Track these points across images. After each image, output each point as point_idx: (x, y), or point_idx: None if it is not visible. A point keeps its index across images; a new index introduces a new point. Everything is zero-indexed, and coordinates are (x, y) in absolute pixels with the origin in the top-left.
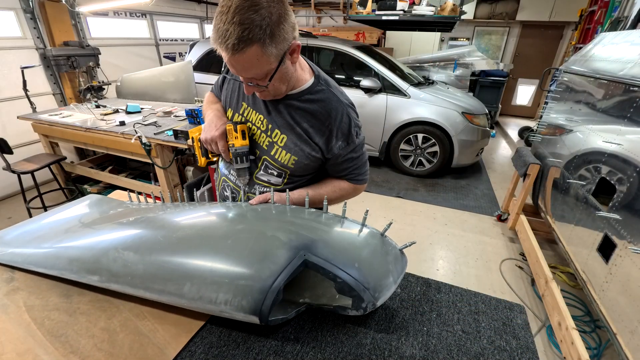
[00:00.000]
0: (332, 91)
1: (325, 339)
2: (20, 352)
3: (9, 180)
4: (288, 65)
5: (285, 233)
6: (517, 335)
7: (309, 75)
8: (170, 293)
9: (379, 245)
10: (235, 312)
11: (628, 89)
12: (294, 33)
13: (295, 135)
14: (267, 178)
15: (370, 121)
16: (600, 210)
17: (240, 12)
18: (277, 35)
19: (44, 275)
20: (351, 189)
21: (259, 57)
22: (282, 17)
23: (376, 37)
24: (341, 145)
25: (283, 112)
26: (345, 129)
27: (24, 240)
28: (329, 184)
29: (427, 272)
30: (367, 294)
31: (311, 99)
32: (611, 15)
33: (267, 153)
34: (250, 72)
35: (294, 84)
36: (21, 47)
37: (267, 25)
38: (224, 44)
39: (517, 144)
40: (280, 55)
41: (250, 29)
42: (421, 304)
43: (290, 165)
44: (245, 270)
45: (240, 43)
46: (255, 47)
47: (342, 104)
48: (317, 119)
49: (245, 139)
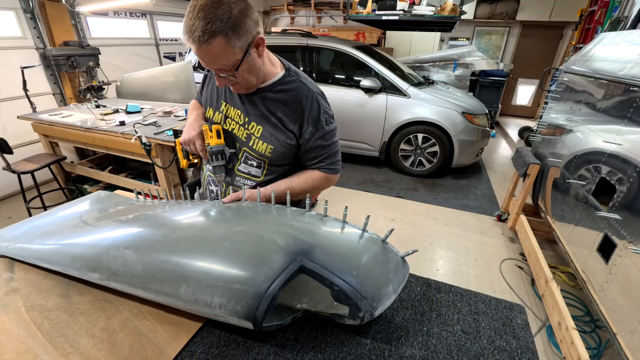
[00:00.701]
0: (302, 81)
1: (325, 338)
2: (20, 352)
3: (9, 180)
4: (254, 58)
5: (283, 237)
6: (517, 335)
7: (279, 69)
8: (167, 294)
9: (379, 252)
10: (230, 316)
11: (628, 89)
12: (257, 28)
13: (271, 125)
14: (248, 170)
15: (370, 121)
16: (600, 210)
17: (204, 9)
18: (239, 28)
19: (48, 271)
20: (323, 179)
21: (223, 47)
22: (243, 13)
23: (376, 37)
24: (311, 131)
25: (258, 104)
26: (315, 114)
27: (32, 236)
28: (301, 175)
29: (427, 272)
30: (364, 303)
31: (283, 89)
32: (611, 15)
33: (246, 144)
34: (218, 63)
35: (264, 77)
36: (21, 47)
37: (227, 19)
38: (191, 37)
39: (517, 144)
40: (244, 47)
41: (213, 22)
42: (421, 304)
43: (268, 154)
44: (241, 274)
45: (205, 35)
46: (219, 39)
47: (312, 92)
48: (290, 107)
49: (220, 138)
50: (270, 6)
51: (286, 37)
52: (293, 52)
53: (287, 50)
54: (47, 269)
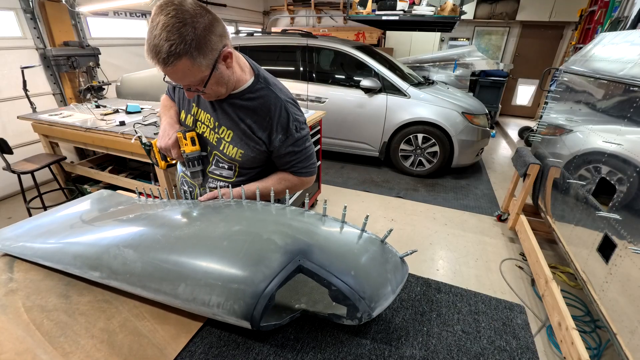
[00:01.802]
0: (271, 88)
1: (325, 339)
2: (19, 352)
3: (9, 180)
4: (222, 71)
5: (281, 236)
6: (517, 335)
7: (249, 75)
8: (166, 293)
9: (378, 252)
10: (227, 315)
11: (628, 89)
12: (223, 42)
13: (240, 131)
14: (219, 172)
15: (370, 121)
16: (600, 210)
17: (166, 28)
18: (204, 47)
19: (49, 269)
20: (297, 181)
21: (189, 67)
22: (207, 30)
23: (376, 37)
24: (281, 139)
25: (228, 111)
26: (284, 123)
27: (34, 234)
28: (275, 177)
29: (427, 272)
30: (362, 304)
31: (252, 97)
32: (611, 15)
33: (217, 148)
34: (185, 81)
35: (234, 85)
36: (21, 47)
37: (191, 40)
38: (155, 58)
39: (517, 144)
40: (211, 64)
41: (177, 44)
42: (421, 304)
43: (238, 158)
44: (239, 273)
45: (170, 57)
46: (185, 60)
47: (280, 100)
48: (259, 115)
49: (195, 145)
50: (270, 6)
51: (286, 37)
52: (293, 52)
53: (287, 50)
54: (48, 268)
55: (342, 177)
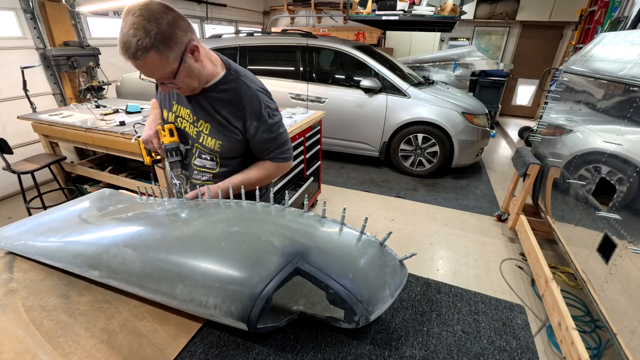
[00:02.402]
0: (242, 79)
1: (325, 339)
2: (19, 352)
3: (9, 180)
4: (191, 64)
5: (279, 238)
6: (517, 335)
7: (221, 69)
8: (163, 293)
9: (377, 255)
10: (224, 317)
11: (628, 89)
12: (188, 36)
13: (217, 123)
14: (202, 163)
15: (370, 121)
16: (600, 210)
17: (134, 26)
18: (169, 40)
19: (50, 267)
20: (275, 168)
21: (158, 60)
22: (171, 25)
23: (376, 37)
24: (256, 125)
25: (204, 104)
26: (257, 110)
27: (36, 232)
28: (254, 167)
29: (427, 272)
30: (359, 307)
31: (225, 88)
32: (611, 15)
33: (197, 141)
34: (156, 74)
35: (207, 78)
36: (21, 47)
37: (156, 34)
38: (126, 54)
39: (517, 144)
40: (178, 57)
41: (143, 39)
42: (421, 304)
43: (217, 149)
44: (236, 275)
45: (138, 51)
46: (152, 53)
47: (251, 89)
48: (232, 106)
49: (173, 136)
50: (270, 6)
51: (286, 37)
52: (293, 52)
53: (287, 50)
54: (49, 266)
55: (342, 177)
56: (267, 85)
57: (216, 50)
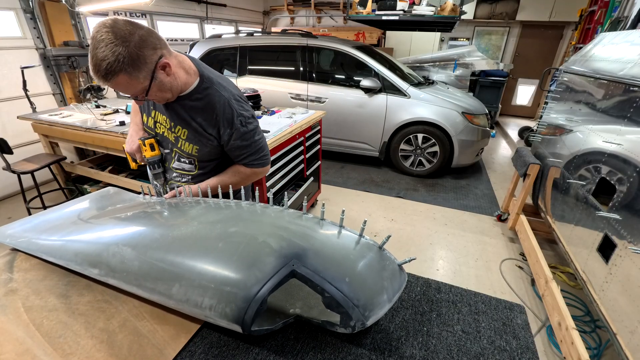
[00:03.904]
0: (215, 87)
1: (325, 339)
2: (19, 352)
3: (9, 180)
4: (162, 79)
5: (277, 239)
6: (517, 335)
7: (195, 77)
8: (160, 293)
9: (375, 259)
10: (219, 318)
11: (628, 89)
12: (158, 53)
13: (193, 129)
14: (181, 166)
15: (370, 121)
16: (600, 210)
17: (101, 49)
18: (138, 62)
19: (51, 264)
20: (250, 173)
21: (128, 81)
22: (139, 45)
23: (376, 37)
24: (229, 133)
25: (180, 112)
26: (229, 118)
27: (40, 230)
28: (230, 171)
29: (427, 272)
30: (356, 312)
31: (199, 97)
32: (611, 15)
33: (176, 145)
34: (128, 92)
35: (181, 88)
36: (21, 47)
37: (124, 57)
38: (96, 75)
39: (517, 144)
40: (148, 75)
41: (111, 63)
42: (421, 304)
43: (195, 153)
44: (232, 276)
45: (108, 75)
46: (122, 75)
47: (224, 97)
48: (206, 113)
49: (154, 150)
50: (270, 6)
51: (286, 37)
52: (293, 52)
53: (287, 50)
54: (50, 263)
55: (342, 177)
56: (267, 86)
57: (216, 51)
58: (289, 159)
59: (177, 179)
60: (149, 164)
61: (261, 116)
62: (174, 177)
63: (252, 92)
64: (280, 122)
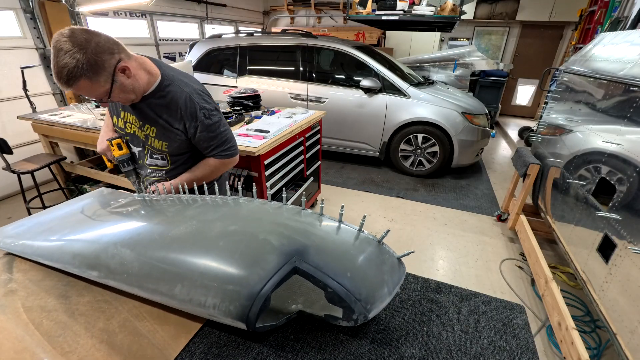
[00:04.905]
0: (176, 84)
1: (325, 338)
2: (18, 351)
3: (9, 180)
4: (123, 81)
5: (277, 237)
6: (517, 335)
7: (156, 77)
8: (162, 293)
9: (374, 253)
10: (223, 317)
11: (628, 89)
12: (116, 57)
13: (160, 126)
14: (154, 162)
15: (370, 121)
16: (600, 210)
17: (62, 57)
18: (97, 67)
19: (50, 268)
20: (219, 164)
21: (89, 85)
22: (95, 53)
23: (376, 37)
24: (194, 126)
25: (146, 111)
26: (192, 112)
27: (35, 232)
28: (200, 165)
29: (427, 272)
30: (358, 305)
31: (162, 94)
32: (611, 15)
33: (147, 143)
34: (92, 95)
35: (144, 88)
36: (21, 47)
37: (83, 64)
38: (59, 81)
39: (517, 144)
40: (109, 78)
41: (71, 70)
42: (421, 304)
43: (165, 149)
44: (235, 274)
45: (70, 80)
46: (83, 80)
47: (185, 93)
48: (171, 109)
49: (121, 149)
50: (270, 6)
51: (286, 37)
52: (293, 52)
53: (287, 50)
54: (48, 267)
55: (342, 177)
56: (267, 86)
57: (216, 51)
58: (289, 159)
59: (152, 174)
60: (119, 163)
61: (261, 116)
62: (149, 172)
63: (252, 92)
64: (280, 122)
